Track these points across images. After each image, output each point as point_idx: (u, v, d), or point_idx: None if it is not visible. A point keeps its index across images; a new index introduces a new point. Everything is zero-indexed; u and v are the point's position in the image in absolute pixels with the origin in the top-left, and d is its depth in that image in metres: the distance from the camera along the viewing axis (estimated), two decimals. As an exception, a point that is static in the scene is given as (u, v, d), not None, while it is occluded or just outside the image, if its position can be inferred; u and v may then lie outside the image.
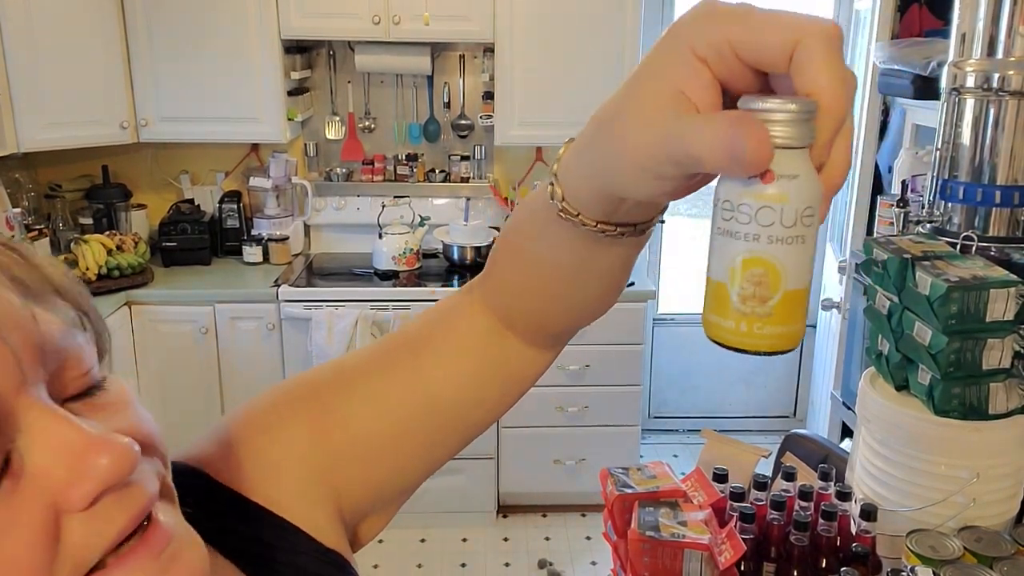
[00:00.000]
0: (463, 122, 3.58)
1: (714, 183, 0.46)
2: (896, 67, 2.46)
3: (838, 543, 1.16)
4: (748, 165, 0.41)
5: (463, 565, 3.21)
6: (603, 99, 0.48)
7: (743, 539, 1.12)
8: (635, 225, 0.53)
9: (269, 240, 3.46)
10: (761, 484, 1.30)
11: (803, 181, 0.42)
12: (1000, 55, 1.37)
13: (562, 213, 0.52)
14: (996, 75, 1.36)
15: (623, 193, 0.48)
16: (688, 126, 0.42)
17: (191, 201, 3.57)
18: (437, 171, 3.64)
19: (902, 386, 1.29)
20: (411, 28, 3.17)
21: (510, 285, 0.64)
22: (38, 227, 3.20)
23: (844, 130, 0.43)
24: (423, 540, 3.33)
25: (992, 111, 1.38)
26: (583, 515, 3.49)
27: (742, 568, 1.19)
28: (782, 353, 0.45)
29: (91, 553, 0.38)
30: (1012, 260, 1.35)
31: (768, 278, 0.43)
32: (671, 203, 0.52)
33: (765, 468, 1.44)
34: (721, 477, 1.32)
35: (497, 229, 3.44)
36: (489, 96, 3.49)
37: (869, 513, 1.16)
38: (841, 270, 3.03)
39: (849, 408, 2.83)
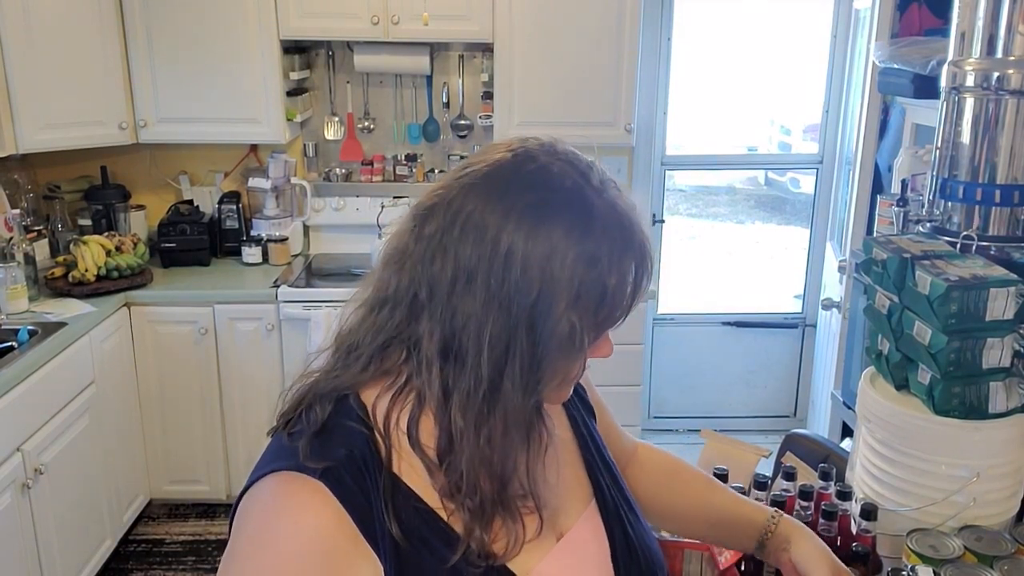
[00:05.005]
0: (462, 122, 3.57)
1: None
2: (896, 66, 2.45)
3: (838, 543, 1.16)
4: None
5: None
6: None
7: (743, 539, 1.12)
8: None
9: (268, 241, 3.46)
10: (761, 484, 1.31)
11: None
12: (999, 54, 1.37)
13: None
14: (995, 74, 1.36)
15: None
16: None
17: (190, 202, 3.56)
18: (436, 171, 3.64)
19: (902, 385, 1.29)
20: (410, 28, 3.17)
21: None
22: (37, 228, 3.20)
23: None
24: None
25: (991, 110, 1.38)
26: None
27: (742, 568, 1.19)
28: None
29: None
30: (1012, 259, 1.34)
31: None
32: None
33: (765, 468, 1.44)
34: (721, 477, 1.32)
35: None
36: (488, 96, 3.48)
37: (869, 512, 1.16)
38: (841, 269, 3.03)
39: (849, 408, 2.82)
